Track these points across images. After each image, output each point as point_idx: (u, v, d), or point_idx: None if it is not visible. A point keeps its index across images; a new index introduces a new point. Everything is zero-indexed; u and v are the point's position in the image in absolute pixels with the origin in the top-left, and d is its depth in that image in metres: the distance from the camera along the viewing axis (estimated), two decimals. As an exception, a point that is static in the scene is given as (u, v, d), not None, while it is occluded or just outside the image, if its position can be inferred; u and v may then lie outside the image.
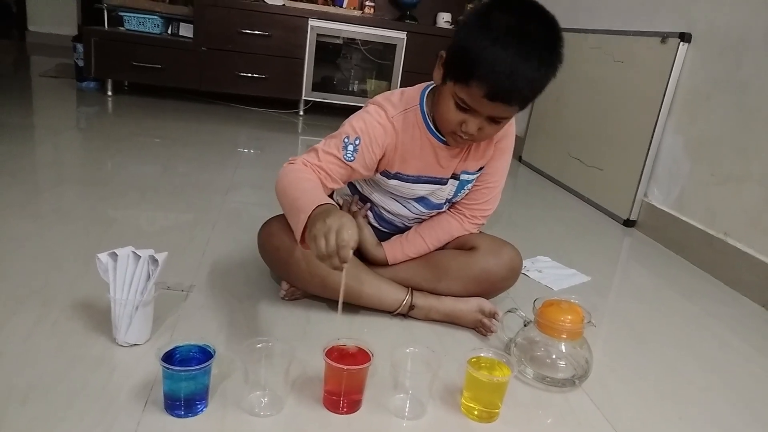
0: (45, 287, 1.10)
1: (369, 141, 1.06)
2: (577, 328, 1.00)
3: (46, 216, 1.46)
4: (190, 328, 1.03)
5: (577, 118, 2.48)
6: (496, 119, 0.98)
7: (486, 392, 0.90)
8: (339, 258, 0.80)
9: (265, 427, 0.82)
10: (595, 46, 2.38)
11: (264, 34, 3.06)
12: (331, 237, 0.80)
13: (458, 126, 0.99)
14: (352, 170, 1.07)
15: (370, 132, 1.06)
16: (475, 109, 0.96)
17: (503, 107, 0.94)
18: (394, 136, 1.08)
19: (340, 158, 1.05)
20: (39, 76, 3.45)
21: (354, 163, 1.06)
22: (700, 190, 1.81)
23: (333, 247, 0.80)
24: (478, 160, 1.16)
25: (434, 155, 1.11)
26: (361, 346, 0.89)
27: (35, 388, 0.82)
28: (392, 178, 1.13)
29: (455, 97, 0.96)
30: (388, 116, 1.08)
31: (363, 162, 1.07)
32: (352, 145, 1.05)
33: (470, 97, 0.94)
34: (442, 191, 1.16)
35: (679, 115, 1.93)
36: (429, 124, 1.08)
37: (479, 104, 0.94)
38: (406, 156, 1.10)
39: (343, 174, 1.07)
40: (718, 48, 1.79)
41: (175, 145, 2.36)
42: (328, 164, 1.05)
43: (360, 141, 1.05)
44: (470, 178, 1.17)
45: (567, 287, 1.46)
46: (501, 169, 1.20)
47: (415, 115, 1.09)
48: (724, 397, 1.08)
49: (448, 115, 0.99)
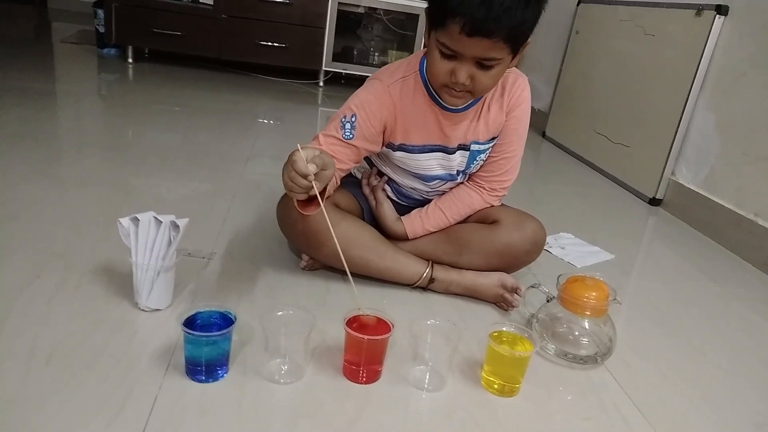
0: (67, 251, 1.11)
1: (365, 115, 1.05)
2: (601, 305, 0.98)
3: (67, 180, 1.47)
4: (211, 295, 1.03)
5: (604, 94, 2.41)
6: (485, 63, 0.93)
7: (507, 367, 0.89)
8: (298, 173, 0.84)
9: (285, 395, 0.82)
10: (625, 18, 2.30)
11: (285, 2, 3.01)
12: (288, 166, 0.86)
13: (448, 77, 0.95)
14: (355, 148, 1.06)
15: (365, 107, 1.05)
16: (459, 51, 0.91)
17: (486, 43, 0.89)
18: (392, 105, 1.06)
19: (339, 138, 1.05)
20: (60, 42, 3.44)
21: (354, 140, 1.05)
22: (731, 170, 1.76)
23: (289, 169, 0.84)
24: (488, 130, 1.12)
25: (437, 122, 1.08)
26: (382, 317, 0.88)
27: (58, 349, 0.83)
28: (397, 150, 1.11)
29: (438, 44, 0.93)
30: (384, 86, 1.06)
31: (363, 137, 1.06)
32: (349, 123, 1.05)
33: (450, 38, 0.90)
34: (451, 162, 1.13)
35: (712, 92, 1.86)
36: (430, 89, 1.06)
37: (461, 44, 0.90)
38: (408, 126, 1.08)
39: (349, 153, 1.06)
40: (757, 22, 1.71)
41: (195, 113, 2.35)
42: (330, 146, 1.04)
43: (356, 117, 1.05)
44: (482, 149, 1.14)
45: (590, 265, 1.43)
46: (517, 139, 1.16)
47: (416, 80, 1.06)
48: (750, 380, 1.06)
49: (436, 67, 0.96)
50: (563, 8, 2.82)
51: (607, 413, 0.89)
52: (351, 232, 1.09)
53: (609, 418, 0.88)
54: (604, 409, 0.90)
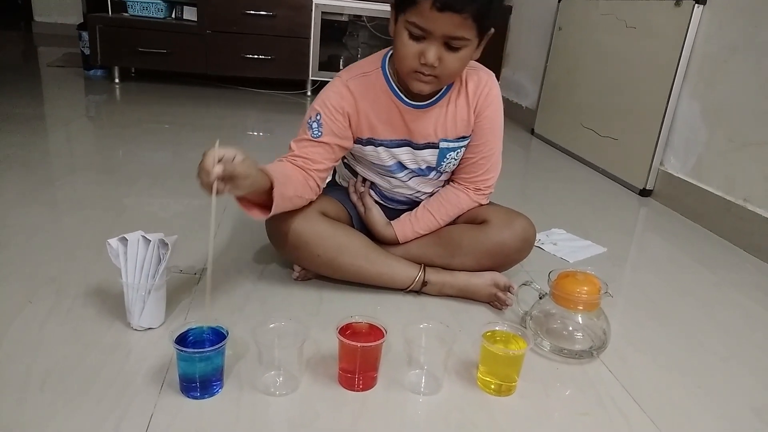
0: (59, 275, 1.11)
1: (329, 111, 1.08)
2: (593, 299, 0.98)
3: (59, 204, 1.47)
4: (204, 311, 1.03)
5: (590, 88, 2.42)
6: (453, 44, 0.95)
7: (502, 366, 0.89)
8: (202, 167, 0.85)
9: (281, 406, 0.82)
10: (606, 12, 2.32)
11: (268, 14, 3.02)
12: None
13: (417, 59, 0.97)
14: (327, 145, 1.08)
15: (327, 103, 1.08)
16: (429, 29, 0.93)
17: (456, 19, 0.91)
18: (351, 99, 1.08)
19: (309, 139, 1.08)
20: (47, 66, 3.45)
21: (324, 137, 1.08)
22: (718, 157, 1.77)
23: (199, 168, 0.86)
24: (456, 128, 1.13)
25: (401, 118, 1.10)
26: (374, 323, 0.88)
27: (52, 374, 0.83)
28: (367, 144, 1.13)
29: (408, 26, 0.95)
30: (342, 81, 1.09)
31: (332, 133, 1.08)
32: (316, 122, 1.08)
33: (420, 15, 0.92)
34: (418, 157, 1.14)
35: (695, 80, 1.87)
36: (393, 86, 1.08)
37: (431, 21, 0.92)
38: (372, 120, 1.10)
39: (322, 152, 1.08)
40: (734, 10, 1.73)
41: (185, 130, 2.36)
42: (303, 149, 1.08)
43: (321, 115, 1.08)
44: (451, 146, 1.14)
45: (583, 259, 1.44)
46: (493, 138, 1.16)
47: (377, 76, 1.09)
48: (747, 366, 1.06)
49: (405, 50, 0.97)
50: (545, 5, 2.84)
51: (604, 407, 0.89)
52: (341, 239, 1.10)
53: (607, 412, 0.88)
54: (602, 403, 0.90)
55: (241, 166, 0.87)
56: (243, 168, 0.87)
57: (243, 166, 0.88)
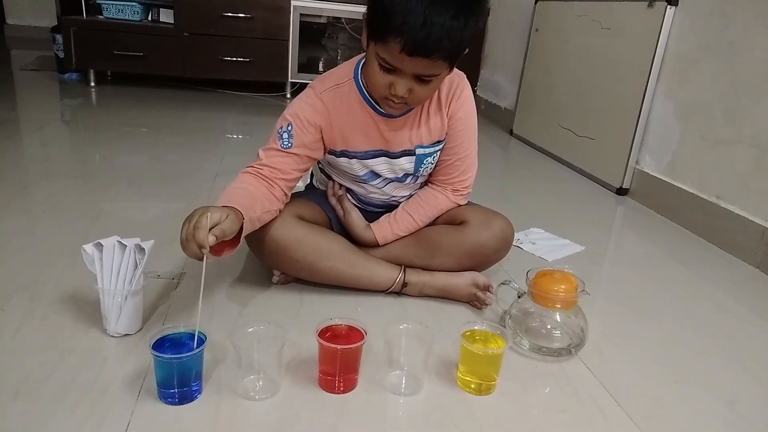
0: (33, 282, 1.09)
1: (300, 123, 1.06)
2: (570, 297, 0.99)
3: (33, 210, 1.44)
4: (183, 316, 1.02)
5: (566, 89, 2.45)
6: (424, 78, 0.94)
7: (481, 365, 0.89)
8: (196, 242, 0.83)
9: (262, 411, 0.81)
10: (582, 14, 2.35)
11: (246, 16, 3.01)
12: (187, 224, 0.85)
13: (387, 89, 0.96)
14: (296, 156, 1.07)
15: (299, 114, 1.06)
16: (398, 67, 0.92)
17: (425, 62, 0.90)
18: (325, 112, 1.07)
19: (278, 149, 1.06)
20: (20, 69, 3.39)
21: (294, 148, 1.06)
22: (692, 155, 1.80)
23: (189, 232, 0.83)
24: (431, 134, 1.13)
25: (376, 128, 1.09)
26: (354, 324, 0.88)
27: (26, 382, 0.82)
28: (341, 156, 1.12)
29: (378, 57, 0.93)
30: (316, 93, 1.07)
31: (303, 144, 1.07)
32: (286, 132, 1.06)
33: (390, 54, 0.91)
34: (395, 166, 1.14)
35: (668, 80, 1.91)
36: (366, 96, 1.07)
37: (400, 61, 0.91)
38: (345, 132, 1.09)
39: (290, 162, 1.07)
40: (705, 10, 1.76)
41: (162, 133, 2.33)
42: (271, 159, 1.06)
43: (292, 126, 1.06)
44: (428, 152, 1.14)
45: (561, 258, 1.45)
46: (467, 139, 1.16)
47: (350, 87, 1.07)
48: (721, 359, 1.08)
49: (375, 79, 0.96)
50: (522, 7, 2.87)
51: (582, 404, 0.91)
52: (320, 243, 1.10)
53: (585, 409, 0.89)
54: (580, 400, 0.91)
55: (227, 225, 0.88)
56: (228, 225, 0.88)
57: (228, 223, 0.88)
